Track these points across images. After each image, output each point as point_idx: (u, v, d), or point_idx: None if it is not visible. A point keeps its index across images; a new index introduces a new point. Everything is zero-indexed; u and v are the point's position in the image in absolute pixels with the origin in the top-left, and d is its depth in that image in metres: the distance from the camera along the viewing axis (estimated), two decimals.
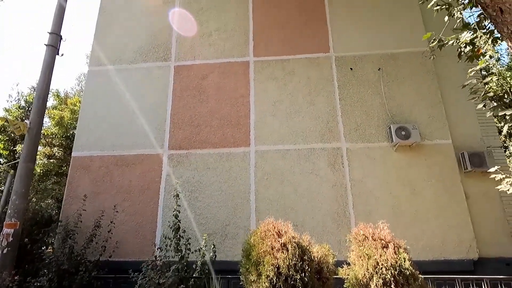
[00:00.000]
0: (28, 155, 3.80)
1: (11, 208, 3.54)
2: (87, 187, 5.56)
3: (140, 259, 5.01)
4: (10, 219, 3.50)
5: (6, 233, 3.45)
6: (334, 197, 5.14)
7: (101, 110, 6.05)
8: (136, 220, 5.31)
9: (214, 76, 6.09)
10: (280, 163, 5.41)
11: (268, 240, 3.17)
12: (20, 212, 3.59)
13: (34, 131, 3.94)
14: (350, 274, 3.21)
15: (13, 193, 3.61)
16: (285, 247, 3.02)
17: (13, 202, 3.57)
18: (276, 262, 2.91)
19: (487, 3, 2.67)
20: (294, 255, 2.91)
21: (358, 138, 5.44)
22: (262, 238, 3.28)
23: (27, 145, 3.82)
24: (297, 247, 2.97)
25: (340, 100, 5.69)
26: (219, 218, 5.20)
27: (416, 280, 2.85)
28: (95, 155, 5.77)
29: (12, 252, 3.45)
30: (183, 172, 5.52)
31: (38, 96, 3.97)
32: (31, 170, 3.85)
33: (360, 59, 5.94)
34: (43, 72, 4.05)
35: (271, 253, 3.03)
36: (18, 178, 3.66)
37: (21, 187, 3.64)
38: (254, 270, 3.06)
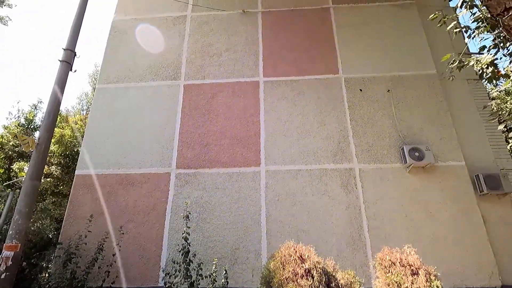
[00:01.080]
0: (35, 172, 3.62)
1: (12, 228, 3.31)
2: (90, 207, 5.31)
3: (143, 286, 4.72)
4: (11, 240, 3.26)
5: (6, 256, 3.19)
6: (348, 220, 4.96)
7: (108, 128, 5.94)
8: (140, 243, 5.04)
9: (224, 95, 6.08)
10: (291, 183, 5.27)
11: (290, 266, 2.98)
12: (22, 233, 3.35)
13: (43, 147, 3.79)
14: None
15: (16, 213, 3.39)
16: (309, 273, 2.82)
17: (15, 222, 3.34)
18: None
19: (510, 25, 2.70)
20: (320, 282, 2.71)
21: (371, 159, 5.36)
22: (283, 263, 3.08)
23: (35, 162, 3.65)
24: (323, 274, 2.78)
25: (351, 121, 5.67)
26: (228, 241, 4.96)
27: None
28: (100, 173, 5.58)
29: (10, 277, 3.17)
30: (191, 192, 5.33)
31: (49, 112, 3.87)
32: (36, 188, 3.66)
33: (369, 81, 6.00)
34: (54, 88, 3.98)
35: (294, 279, 2.82)
36: (23, 196, 3.46)
37: (25, 206, 3.43)
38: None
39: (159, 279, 4.79)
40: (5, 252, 3.22)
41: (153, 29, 6.83)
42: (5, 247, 3.24)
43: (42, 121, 3.83)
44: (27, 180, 3.55)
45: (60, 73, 4.09)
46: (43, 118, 3.85)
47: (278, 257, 3.20)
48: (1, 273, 3.13)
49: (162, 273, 4.78)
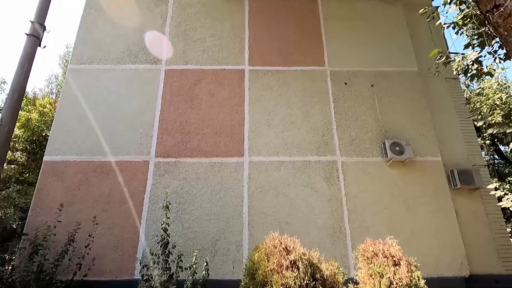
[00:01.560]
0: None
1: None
2: (60, 196, 4.96)
3: (118, 279, 4.51)
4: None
5: None
6: (330, 212, 5.00)
7: (81, 112, 5.53)
8: (115, 234, 4.78)
9: (207, 83, 5.86)
10: (275, 175, 5.21)
11: (274, 258, 2.91)
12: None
13: (6, 129, 3.41)
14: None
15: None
16: (295, 264, 2.77)
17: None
18: (286, 282, 2.65)
19: (499, 23, 2.74)
20: (306, 274, 2.67)
21: (353, 152, 5.41)
22: (268, 254, 3.01)
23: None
24: (308, 265, 2.74)
25: (335, 114, 5.68)
26: (209, 233, 4.83)
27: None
28: (71, 160, 5.20)
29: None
30: (170, 182, 5.12)
31: (13, 90, 3.48)
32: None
33: (354, 75, 6.02)
34: (21, 64, 3.58)
35: (279, 271, 2.76)
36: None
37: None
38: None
39: (135, 271, 4.59)
40: None
41: (132, 8, 6.41)
42: None
43: (5, 101, 3.45)
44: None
45: (27, 48, 3.69)
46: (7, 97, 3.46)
47: (262, 249, 3.13)
48: None
49: (139, 265, 4.58)
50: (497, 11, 2.72)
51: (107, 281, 4.43)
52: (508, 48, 2.79)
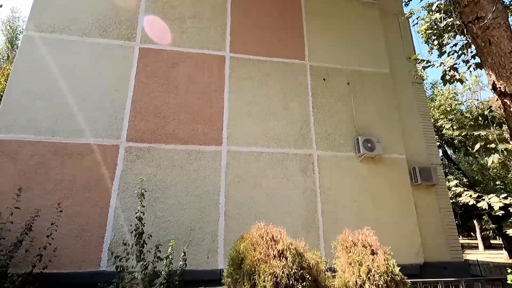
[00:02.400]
0: None
1: None
2: (12, 179, 4.38)
3: (81, 270, 4.17)
4: None
5: None
6: (305, 204, 5.14)
7: (39, 86, 4.91)
8: (78, 223, 4.38)
9: (186, 66, 5.57)
10: (253, 165, 5.19)
11: (262, 247, 2.91)
12: None
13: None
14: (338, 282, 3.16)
15: None
16: (282, 254, 2.80)
17: None
18: (274, 271, 2.66)
19: (478, 34, 2.98)
20: (294, 263, 2.71)
21: (328, 147, 5.59)
22: (254, 244, 2.99)
23: None
24: (296, 254, 2.78)
25: (313, 108, 5.80)
26: (183, 222, 4.67)
27: (405, 285, 2.95)
28: (26, 140, 4.62)
29: None
30: (143, 169, 4.82)
31: None
32: None
33: (332, 71, 6.19)
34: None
35: (267, 261, 2.77)
36: None
37: None
38: (247, 280, 2.75)
39: (101, 262, 4.28)
40: None
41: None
42: None
43: None
44: None
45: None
46: None
47: (248, 239, 3.10)
48: None
49: (107, 256, 4.28)
50: (477, 23, 2.95)
51: (70, 273, 4.07)
52: (482, 58, 3.06)
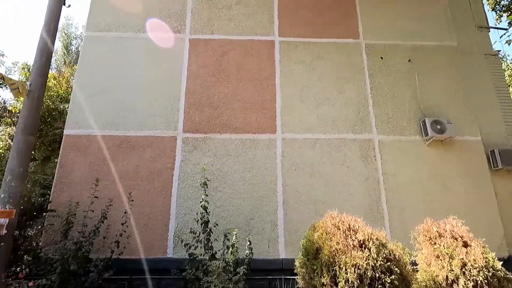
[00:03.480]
0: (28, 125, 2.96)
1: (5, 191, 2.70)
2: (84, 172, 4.69)
3: (150, 257, 4.35)
4: (4, 205, 2.67)
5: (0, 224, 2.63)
6: (367, 191, 4.82)
7: (101, 83, 5.16)
8: (144, 212, 4.57)
9: (235, 54, 5.47)
10: (309, 153, 4.97)
11: (338, 237, 2.72)
12: (17, 196, 2.76)
13: (36, 95, 3.09)
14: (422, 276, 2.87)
15: (7, 172, 2.76)
16: (364, 244, 2.59)
17: (7, 183, 2.73)
18: (356, 263, 2.47)
19: None
20: (379, 254, 2.48)
21: (390, 130, 5.16)
22: (329, 234, 2.82)
23: (27, 113, 2.97)
24: (380, 245, 2.56)
25: (371, 90, 5.38)
26: (242, 211, 4.64)
27: (510, 282, 2.57)
28: (94, 134, 4.89)
29: (6, 248, 2.63)
30: (200, 159, 4.86)
31: (41, 53, 3.11)
32: (31, 144, 3.01)
33: (390, 49, 5.67)
34: (47, 24, 3.19)
35: (346, 251, 2.58)
36: (14, 154, 2.82)
37: (18, 165, 2.81)
38: (326, 271, 2.59)
39: (168, 250, 4.43)
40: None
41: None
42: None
43: (33, 65, 3.10)
44: (19, 134, 2.88)
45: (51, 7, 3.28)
46: (34, 61, 3.10)
47: (321, 228, 2.94)
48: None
49: (172, 243, 4.42)
50: None
51: (140, 259, 4.26)
52: None
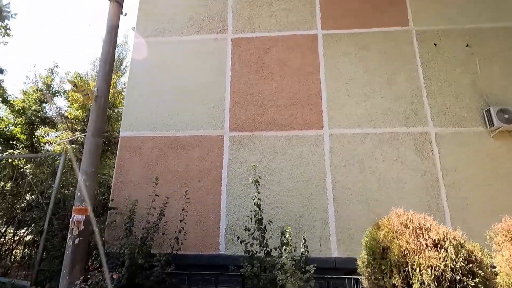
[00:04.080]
0: (96, 128, 3.19)
1: (80, 190, 2.94)
2: (139, 171, 4.95)
3: (203, 253, 4.47)
4: (80, 203, 2.90)
5: (77, 220, 2.86)
6: (425, 188, 4.52)
7: (150, 86, 5.41)
8: (196, 209, 4.71)
9: (278, 50, 5.43)
10: (359, 148, 4.79)
11: (407, 236, 2.57)
12: (91, 195, 2.99)
13: (102, 100, 3.32)
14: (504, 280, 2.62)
15: (81, 173, 3.00)
16: (439, 244, 2.41)
17: (82, 183, 2.97)
18: (432, 264, 2.30)
19: None
20: (458, 255, 2.30)
21: (448, 122, 4.79)
22: (396, 232, 2.68)
23: (95, 117, 3.20)
24: (458, 245, 2.37)
25: (425, 79, 5.03)
26: (291, 209, 4.60)
27: None
28: (147, 135, 5.15)
29: (84, 243, 2.87)
30: (247, 157, 4.90)
31: (105, 60, 3.34)
32: (100, 145, 3.25)
33: (444, 34, 5.25)
34: (108, 33, 3.42)
35: (419, 251, 2.42)
36: (87, 155, 3.05)
37: (90, 165, 3.04)
38: (397, 272, 2.46)
39: (220, 246, 4.53)
40: (75, 216, 2.87)
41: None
42: (74, 210, 2.89)
43: (98, 72, 3.33)
44: (89, 137, 3.12)
45: (111, 15, 3.49)
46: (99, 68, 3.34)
47: (386, 226, 2.80)
48: (74, 238, 2.81)
49: (224, 240, 4.52)
50: None
51: (195, 255, 4.40)
52: None
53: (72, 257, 2.73)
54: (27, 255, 5.08)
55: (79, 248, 2.80)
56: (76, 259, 2.76)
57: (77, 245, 2.79)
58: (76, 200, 2.92)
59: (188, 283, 3.68)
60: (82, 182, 2.95)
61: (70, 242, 2.79)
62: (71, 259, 2.72)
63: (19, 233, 5.24)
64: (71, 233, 2.82)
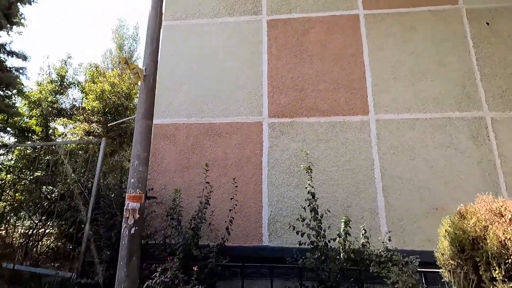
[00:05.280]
0: (147, 110, 2.95)
1: (134, 176, 2.72)
2: (175, 160, 4.74)
3: (246, 245, 4.26)
4: (135, 190, 2.68)
5: (132, 208, 2.64)
6: (481, 176, 4.24)
7: (183, 71, 5.16)
8: (236, 199, 4.48)
9: (317, 32, 5.11)
10: (408, 134, 4.50)
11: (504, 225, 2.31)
12: (145, 181, 2.77)
13: (151, 80, 3.07)
14: None
15: (133, 158, 2.78)
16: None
17: (135, 168, 2.74)
18: None
19: None
20: None
21: (505, 106, 4.47)
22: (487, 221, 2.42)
23: (145, 97, 2.96)
24: None
25: (478, 61, 4.70)
26: (337, 198, 4.35)
27: None
28: (181, 122, 4.91)
29: (139, 232, 2.66)
30: (288, 144, 4.65)
31: (151, 37, 3.08)
32: (151, 128, 3.01)
33: (497, 12, 4.89)
34: (153, 8, 3.15)
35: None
36: (138, 138, 2.82)
37: (143, 150, 2.81)
38: (496, 264, 2.21)
39: (263, 237, 4.31)
40: (130, 204, 2.66)
41: None
42: (129, 198, 2.67)
43: (145, 50, 3.08)
44: (140, 120, 2.88)
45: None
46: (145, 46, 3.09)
47: (473, 215, 2.55)
48: (130, 227, 2.61)
49: (267, 231, 4.30)
50: None
51: (239, 247, 4.19)
52: None
53: (129, 248, 2.53)
54: (59, 246, 4.92)
55: (135, 238, 2.59)
56: (133, 250, 2.55)
57: (133, 235, 2.58)
58: (130, 186, 2.70)
59: (241, 276, 3.47)
60: (135, 167, 2.72)
61: (126, 231, 2.58)
62: (128, 250, 2.52)
63: (49, 224, 5.07)
64: (126, 222, 2.61)
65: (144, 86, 2.98)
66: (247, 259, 4.11)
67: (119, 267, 2.51)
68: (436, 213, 4.15)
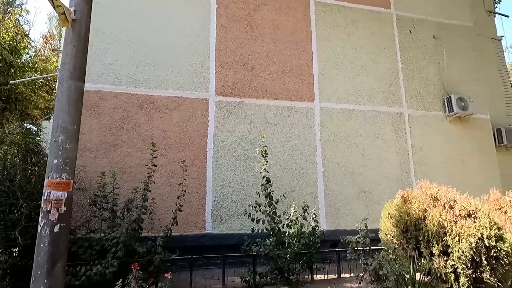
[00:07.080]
0: (77, 67, 2.14)
1: (58, 156, 1.94)
2: (98, 135, 3.87)
3: (187, 233, 3.89)
4: (60, 174, 1.92)
5: (56, 199, 1.89)
6: (399, 164, 4.93)
7: (115, 28, 4.20)
8: (176, 183, 3.97)
9: (269, 10, 4.88)
10: (346, 124, 4.83)
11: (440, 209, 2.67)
12: (73, 163, 2.02)
13: (82, 26, 2.25)
14: None
15: (57, 131, 1.96)
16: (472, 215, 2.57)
17: (60, 145, 1.96)
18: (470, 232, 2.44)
19: None
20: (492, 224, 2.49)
21: (418, 105, 5.27)
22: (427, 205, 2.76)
23: (74, 49, 2.14)
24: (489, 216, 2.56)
25: (402, 63, 5.35)
26: (282, 183, 4.37)
27: None
28: (106, 90, 4.01)
29: (66, 230, 1.95)
30: (236, 125, 4.37)
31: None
32: (82, 93, 2.22)
33: (418, 23, 5.65)
34: None
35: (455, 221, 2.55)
36: (65, 105, 2.01)
37: (71, 121, 2.02)
38: (435, 242, 2.54)
39: (206, 225, 4.00)
40: (53, 193, 1.90)
41: None
42: (50, 185, 1.89)
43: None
44: (67, 80, 2.06)
45: None
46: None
47: (415, 199, 2.86)
48: (53, 224, 1.88)
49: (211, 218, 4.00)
50: None
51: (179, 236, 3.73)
52: None
53: (51, 252, 1.83)
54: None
55: (60, 238, 1.90)
56: (58, 254, 1.87)
57: (58, 234, 1.88)
58: (52, 170, 1.92)
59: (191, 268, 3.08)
60: (60, 144, 1.96)
61: (47, 230, 1.86)
62: (50, 255, 1.83)
63: None
64: (46, 217, 1.88)
65: (72, 34, 2.18)
66: (190, 249, 3.74)
67: (36, 279, 1.83)
68: (363, 196, 4.64)
